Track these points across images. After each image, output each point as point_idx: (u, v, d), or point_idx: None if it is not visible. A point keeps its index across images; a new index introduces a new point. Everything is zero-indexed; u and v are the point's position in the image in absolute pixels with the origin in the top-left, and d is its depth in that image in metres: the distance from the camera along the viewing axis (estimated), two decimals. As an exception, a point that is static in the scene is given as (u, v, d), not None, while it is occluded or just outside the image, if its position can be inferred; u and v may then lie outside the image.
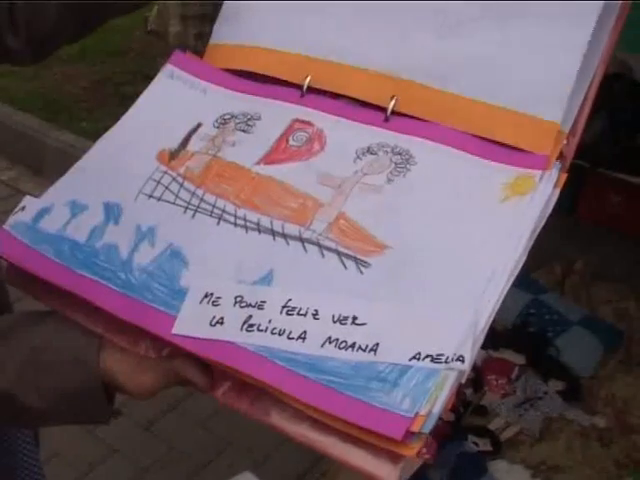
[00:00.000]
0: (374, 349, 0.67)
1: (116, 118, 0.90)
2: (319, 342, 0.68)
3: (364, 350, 0.67)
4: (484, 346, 0.68)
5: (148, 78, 0.95)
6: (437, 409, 0.63)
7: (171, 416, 2.35)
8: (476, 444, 1.82)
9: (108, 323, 0.78)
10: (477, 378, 1.98)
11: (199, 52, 0.98)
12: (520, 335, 2.14)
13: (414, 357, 0.65)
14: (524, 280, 2.28)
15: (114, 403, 0.78)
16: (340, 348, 0.67)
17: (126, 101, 0.93)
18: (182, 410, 2.37)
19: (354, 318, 0.69)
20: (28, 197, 0.84)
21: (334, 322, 0.69)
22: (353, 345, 0.67)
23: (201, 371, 0.73)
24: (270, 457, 2.21)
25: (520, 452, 1.82)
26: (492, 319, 0.68)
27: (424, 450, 0.65)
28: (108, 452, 2.25)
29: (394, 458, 0.65)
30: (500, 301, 0.69)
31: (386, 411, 0.63)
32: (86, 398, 0.76)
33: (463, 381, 0.66)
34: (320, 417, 0.67)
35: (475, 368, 1.98)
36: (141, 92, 0.94)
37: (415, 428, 0.62)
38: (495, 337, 2.03)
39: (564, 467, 1.77)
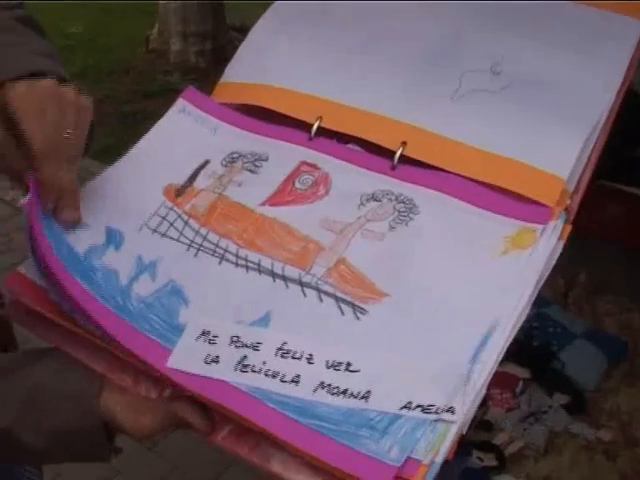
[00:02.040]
0: (366, 396, 0.67)
1: (117, 136, 0.91)
2: (312, 386, 0.68)
3: (356, 397, 0.67)
4: (488, 360, 0.69)
5: (149, 96, 0.95)
6: (439, 459, 0.64)
7: (175, 436, 2.32)
8: (480, 459, 1.81)
9: (109, 363, 0.78)
10: (481, 392, 1.97)
11: (200, 69, 0.99)
12: (524, 348, 2.13)
13: (405, 406, 0.66)
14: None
15: (114, 441, 0.78)
16: (332, 394, 0.68)
17: (126, 119, 0.94)
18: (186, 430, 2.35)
19: (348, 364, 0.69)
20: None
21: (328, 367, 0.69)
22: (345, 391, 0.67)
23: (201, 414, 0.73)
24: (275, 477, 2.19)
25: (525, 467, 1.81)
26: (493, 371, 0.68)
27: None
28: (112, 473, 2.24)
29: None
30: (502, 353, 0.69)
31: (373, 459, 0.64)
32: (86, 438, 0.75)
33: (464, 431, 0.66)
34: (314, 461, 0.67)
35: (479, 382, 1.96)
36: (143, 110, 0.94)
37: (418, 478, 0.63)
38: (499, 351, 2.02)
39: (570, 481, 1.76)
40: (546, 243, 0.74)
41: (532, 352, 2.12)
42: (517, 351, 2.14)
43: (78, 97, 0.78)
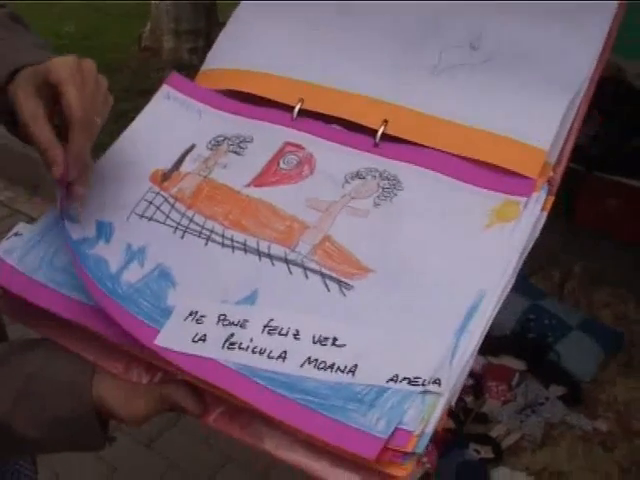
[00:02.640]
0: (352, 370, 0.67)
1: (112, 135, 0.91)
2: (299, 362, 0.68)
3: (342, 371, 0.67)
4: (484, 352, 0.69)
5: (143, 94, 0.95)
6: (429, 429, 0.63)
7: (171, 433, 2.33)
8: (477, 452, 1.81)
9: (100, 351, 0.77)
10: (477, 385, 1.97)
11: (193, 66, 0.99)
12: (520, 341, 2.14)
13: (391, 379, 0.66)
14: (522, 285, 2.28)
15: (108, 429, 0.78)
16: (319, 369, 0.68)
17: (122, 118, 0.93)
18: (182, 427, 2.35)
19: (334, 339, 0.69)
20: (22, 224, 0.84)
21: (314, 343, 0.70)
22: (332, 366, 0.68)
23: (193, 397, 0.73)
24: (270, 471, 2.19)
25: (522, 459, 1.81)
26: (481, 341, 0.68)
27: (425, 459, 0.66)
28: (109, 471, 2.24)
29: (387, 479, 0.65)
30: (489, 323, 0.69)
31: (361, 431, 0.64)
32: (80, 426, 0.75)
33: (453, 403, 0.66)
34: (304, 436, 0.67)
35: (475, 375, 1.97)
36: (137, 108, 0.94)
37: (409, 448, 0.63)
38: (495, 343, 2.03)
39: (567, 473, 1.77)
40: (529, 215, 0.74)
41: (528, 344, 2.13)
42: (513, 343, 2.15)
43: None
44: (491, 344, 0.86)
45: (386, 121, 0.83)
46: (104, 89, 0.80)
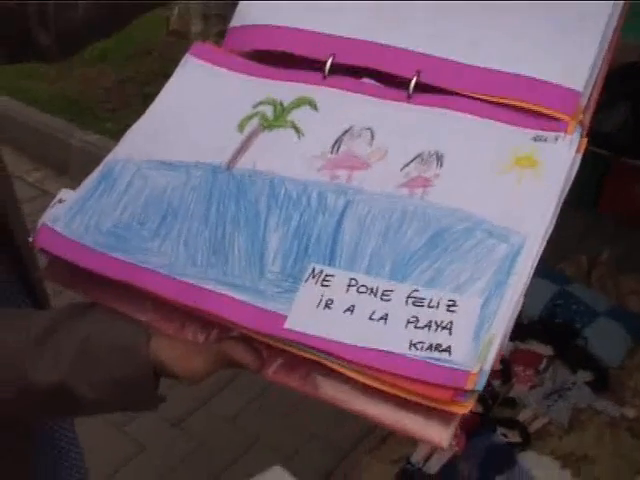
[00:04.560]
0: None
1: (139, 117, 0.91)
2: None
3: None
4: (511, 338, 0.70)
5: (170, 78, 0.95)
6: (487, 366, 0.65)
7: (200, 413, 2.35)
8: (505, 436, 1.82)
9: (153, 312, 0.78)
10: (505, 370, 1.98)
11: (221, 50, 0.98)
12: (547, 326, 2.13)
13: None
14: (550, 271, 2.27)
15: (159, 389, 0.79)
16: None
17: (149, 101, 0.93)
18: (211, 406, 2.38)
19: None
20: (64, 190, 0.85)
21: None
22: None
23: (251, 351, 0.73)
24: (299, 452, 2.21)
25: (549, 443, 1.82)
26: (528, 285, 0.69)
27: (454, 442, 0.67)
28: (137, 449, 2.26)
29: (447, 419, 0.67)
30: (534, 267, 0.70)
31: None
32: (137, 387, 0.76)
33: (505, 344, 0.67)
34: (372, 382, 0.68)
35: (503, 360, 1.97)
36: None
37: (469, 386, 0.64)
38: (522, 328, 2.03)
39: (594, 458, 1.77)
40: (566, 156, 0.75)
41: (555, 330, 2.13)
42: (540, 329, 2.14)
43: None
44: (519, 329, 0.86)
45: (419, 71, 0.83)
46: None
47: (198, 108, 0.90)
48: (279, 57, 0.91)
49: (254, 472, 1.45)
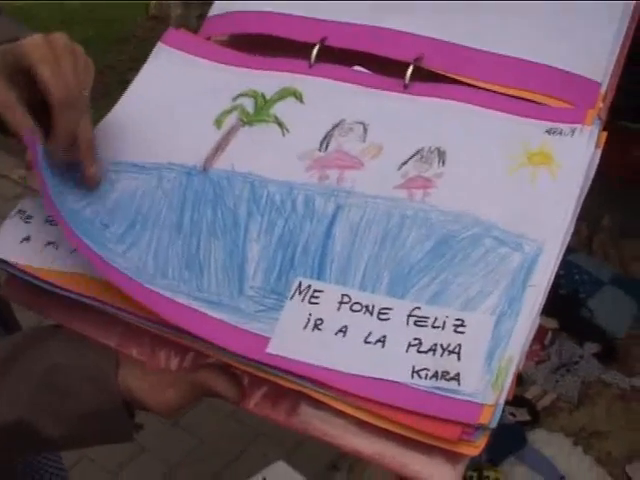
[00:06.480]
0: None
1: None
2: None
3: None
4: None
5: (151, 63, 0.90)
6: (503, 397, 0.59)
7: (199, 410, 2.31)
8: (513, 415, 1.77)
9: (122, 335, 0.72)
10: (509, 346, 1.93)
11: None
12: (551, 298, 2.08)
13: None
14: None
15: (134, 418, 0.74)
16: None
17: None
18: (210, 403, 2.34)
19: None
20: (24, 200, 0.79)
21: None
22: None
23: (230, 381, 0.67)
24: (301, 446, 2.18)
25: (559, 420, 1.77)
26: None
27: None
28: (137, 451, 2.23)
29: (454, 459, 0.60)
30: (553, 274, 0.66)
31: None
32: (107, 419, 0.71)
33: (521, 367, 0.63)
34: (367, 417, 0.61)
35: (507, 336, 1.93)
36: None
37: (483, 421, 0.57)
38: (525, 303, 1.98)
39: (606, 432, 1.73)
40: (584, 151, 0.70)
41: (559, 301, 2.07)
42: (544, 301, 2.10)
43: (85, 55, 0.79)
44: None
45: (421, 57, 0.77)
46: (82, 58, 0.76)
47: (171, 102, 0.84)
48: (261, 46, 0.85)
49: (257, 468, 1.44)
